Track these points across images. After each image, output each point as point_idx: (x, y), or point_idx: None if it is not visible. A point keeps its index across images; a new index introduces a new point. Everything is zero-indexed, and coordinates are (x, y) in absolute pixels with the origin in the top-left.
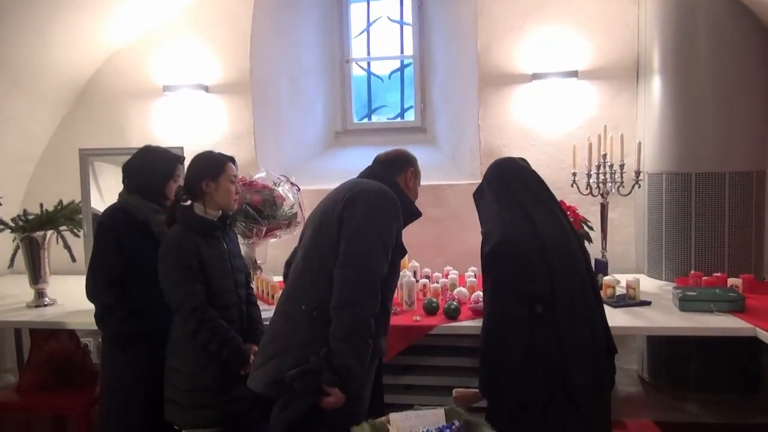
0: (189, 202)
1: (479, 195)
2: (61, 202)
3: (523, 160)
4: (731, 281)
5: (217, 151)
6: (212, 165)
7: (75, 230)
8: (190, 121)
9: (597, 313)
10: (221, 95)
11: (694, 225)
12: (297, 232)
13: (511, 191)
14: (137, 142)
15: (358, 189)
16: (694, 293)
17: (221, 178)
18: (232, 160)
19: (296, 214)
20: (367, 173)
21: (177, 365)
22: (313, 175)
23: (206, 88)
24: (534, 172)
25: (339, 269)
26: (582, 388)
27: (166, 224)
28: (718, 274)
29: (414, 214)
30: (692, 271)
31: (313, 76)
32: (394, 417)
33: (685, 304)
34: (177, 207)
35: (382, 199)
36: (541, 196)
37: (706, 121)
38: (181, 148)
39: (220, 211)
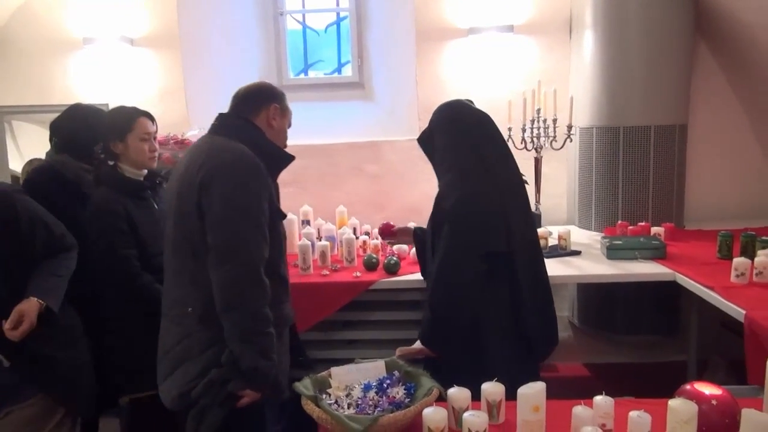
0: (113, 163)
1: (427, 141)
2: None
3: (471, 102)
4: (654, 230)
5: (143, 107)
6: (118, 124)
7: None
8: (115, 77)
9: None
10: (148, 49)
11: (621, 177)
12: None
13: (469, 139)
14: (58, 99)
15: (211, 164)
16: (620, 242)
17: (129, 138)
18: (145, 115)
19: None
20: (220, 123)
21: (113, 328)
22: None
23: (131, 41)
24: (489, 117)
25: (215, 268)
26: (538, 340)
27: (93, 185)
28: (643, 224)
29: (284, 160)
30: (619, 222)
31: (246, 30)
32: (336, 371)
33: (612, 252)
34: (101, 167)
35: (242, 173)
36: (501, 145)
37: (633, 77)
38: (106, 104)
39: (146, 170)
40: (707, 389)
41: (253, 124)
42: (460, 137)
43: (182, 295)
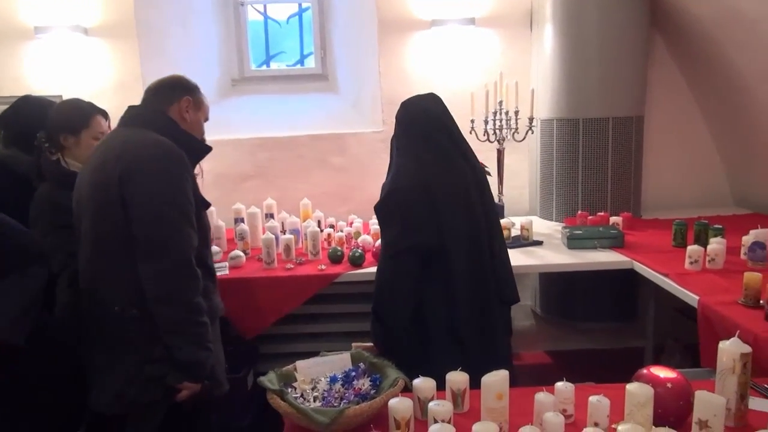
0: (56, 156)
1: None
2: None
3: (434, 96)
4: (613, 219)
5: (98, 99)
6: (74, 118)
7: None
8: (69, 67)
9: (492, 266)
10: (103, 38)
11: (581, 168)
12: None
13: (410, 136)
14: (9, 91)
15: (130, 157)
16: (580, 232)
17: (83, 134)
18: (102, 113)
19: None
20: (132, 114)
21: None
22: (209, 124)
23: (85, 31)
24: (438, 112)
25: (144, 263)
26: (470, 339)
27: (34, 180)
28: (602, 213)
29: (202, 150)
30: (579, 212)
31: (205, 20)
32: (301, 364)
33: (572, 242)
34: (42, 161)
35: (164, 162)
36: (444, 142)
37: (591, 70)
38: (59, 96)
39: None
40: (662, 373)
41: (166, 115)
42: (402, 133)
43: (109, 295)
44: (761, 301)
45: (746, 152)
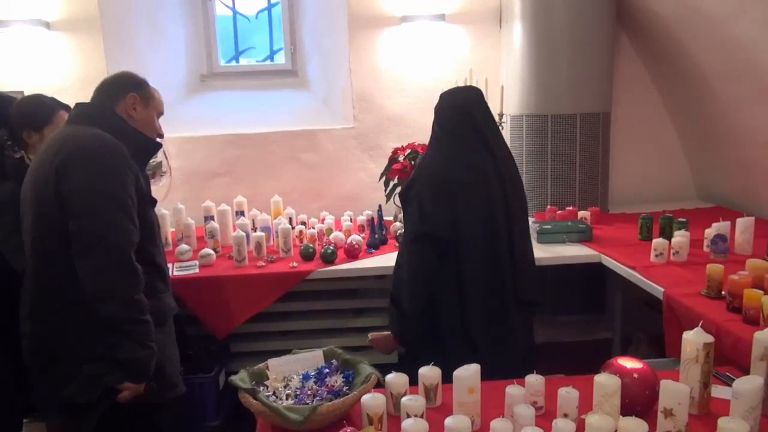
0: (20, 153)
1: None
2: None
3: (468, 90)
4: (581, 214)
5: (62, 95)
6: (37, 113)
7: None
8: (30, 62)
9: (509, 264)
10: (66, 33)
11: (550, 164)
12: (162, 182)
13: (440, 130)
14: None
15: (67, 151)
16: (550, 226)
17: (46, 130)
18: (66, 108)
19: (161, 163)
20: (78, 112)
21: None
22: (178, 121)
23: (47, 25)
24: (472, 108)
25: (79, 258)
26: (483, 345)
27: None
28: (570, 208)
29: (151, 147)
30: (548, 206)
31: (172, 15)
32: (273, 363)
33: (542, 236)
34: (6, 159)
35: (102, 156)
36: (469, 137)
37: (559, 67)
38: (21, 92)
39: None
40: (629, 363)
41: (114, 112)
42: (434, 124)
43: (49, 294)
44: (723, 292)
45: (708, 147)
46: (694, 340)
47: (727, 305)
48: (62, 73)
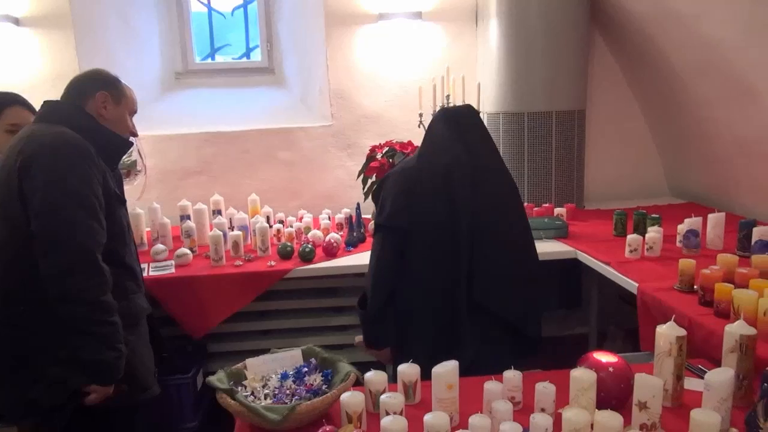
0: None
1: None
2: None
3: (464, 108)
4: (557, 210)
5: (33, 93)
6: None
7: None
8: None
9: (465, 269)
10: (36, 29)
11: (526, 161)
12: (137, 182)
13: (427, 138)
14: None
15: (30, 150)
16: None
17: None
18: (23, 104)
19: (135, 162)
20: (46, 110)
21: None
22: (153, 119)
23: (16, 21)
24: (461, 119)
25: (42, 258)
26: (419, 349)
27: None
28: (547, 205)
29: (121, 145)
30: (525, 203)
31: (146, 11)
32: (251, 362)
33: None
34: None
35: (66, 154)
36: (457, 139)
37: (535, 65)
38: None
39: None
40: (604, 357)
41: (83, 110)
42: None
43: (14, 294)
44: (695, 287)
45: (680, 144)
46: (667, 333)
47: (699, 299)
48: (32, 70)
